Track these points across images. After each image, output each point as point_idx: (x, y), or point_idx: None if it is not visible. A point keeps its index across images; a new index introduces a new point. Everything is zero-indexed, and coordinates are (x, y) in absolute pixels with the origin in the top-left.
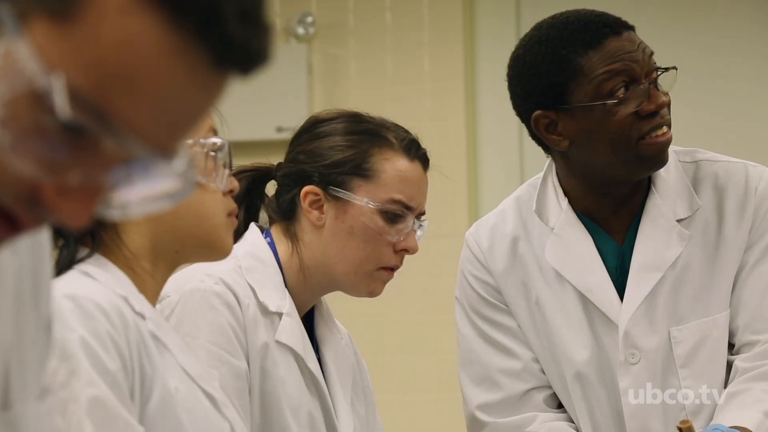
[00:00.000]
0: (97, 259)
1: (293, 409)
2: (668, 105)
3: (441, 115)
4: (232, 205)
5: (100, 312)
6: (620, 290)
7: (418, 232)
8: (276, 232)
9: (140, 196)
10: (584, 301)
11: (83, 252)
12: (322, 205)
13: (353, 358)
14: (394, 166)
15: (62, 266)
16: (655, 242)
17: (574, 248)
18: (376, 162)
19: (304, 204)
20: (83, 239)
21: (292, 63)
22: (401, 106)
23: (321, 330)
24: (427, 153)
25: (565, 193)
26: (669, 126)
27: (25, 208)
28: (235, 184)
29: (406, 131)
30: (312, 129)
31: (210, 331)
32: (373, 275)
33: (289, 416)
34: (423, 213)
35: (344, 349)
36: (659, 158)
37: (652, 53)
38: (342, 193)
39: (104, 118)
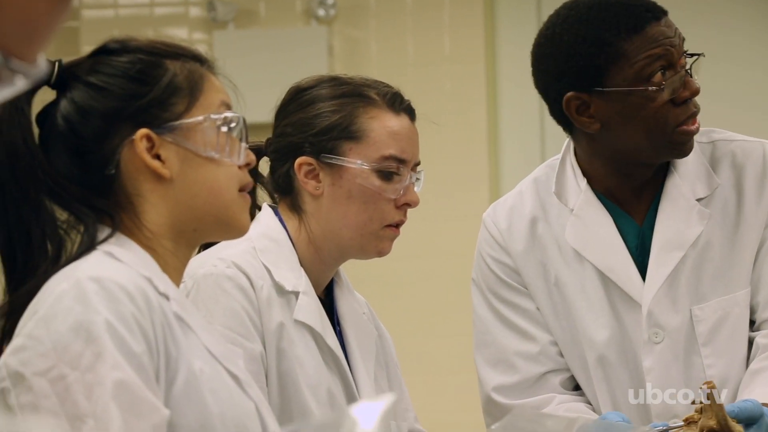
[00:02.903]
0: (119, 238)
1: (312, 387)
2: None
3: (462, 97)
4: (247, 179)
5: (125, 294)
6: (641, 270)
7: (417, 185)
8: (282, 209)
9: None
10: (605, 281)
11: (104, 232)
12: (318, 174)
13: (375, 332)
14: (381, 123)
15: (84, 248)
16: (675, 221)
17: (595, 228)
18: (363, 122)
19: (300, 175)
20: (102, 221)
21: (312, 45)
22: (422, 88)
23: (341, 305)
24: (410, 103)
25: (584, 174)
26: (697, 113)
27: None
28: (252, 158)
29: (388, 86)
30: (295, 99)
31: (223, 316)
32: (379, 234)
33: (307, 394)
34: (418, 163)
35: (366, 323)
36: (688, 146)
37: (684, 39)
38: (335, 159)
39: None
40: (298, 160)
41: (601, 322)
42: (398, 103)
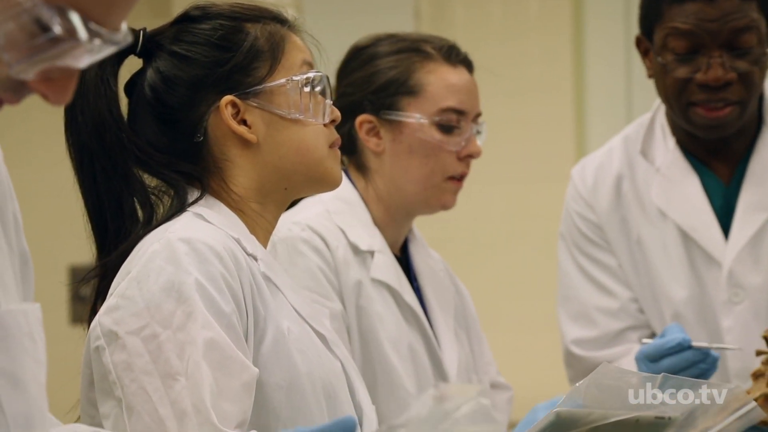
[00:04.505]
0: (208, 200)
1: (393, 343)
2: (733, 82)
3: (548, 58)
4: (334, 135)
5: (214, 255)
6: (725, 231)
7: (480, 135)
8: (350, 169)
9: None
10: (686, 240)
11: (194, 195)
12: (378, 131)
13: (453, 287)
14: (438, 76)
15: (175, 210)
16: (763, 182)
17: (680, 187)
18: (420, 76)
19: (361, 133)
20: (192, 185)
21: (399, 8)
22: (508, 49)
23: (417, 262)
24: (467, 55)
25: (673, 133)
26: (733, 104)
27: (11, 92)
28: (337, 114)
29: (444, 39)
30: (354, 58)
31: (301, 278)
32: (441, 187)
33: (389, 350)
34: (479, 115)
35: (443, 278)
36: (711, 129)
37: (744, 29)
38: (394, 115)
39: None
40: (359, 119)
41: (679, 280)
42: (454, 56)
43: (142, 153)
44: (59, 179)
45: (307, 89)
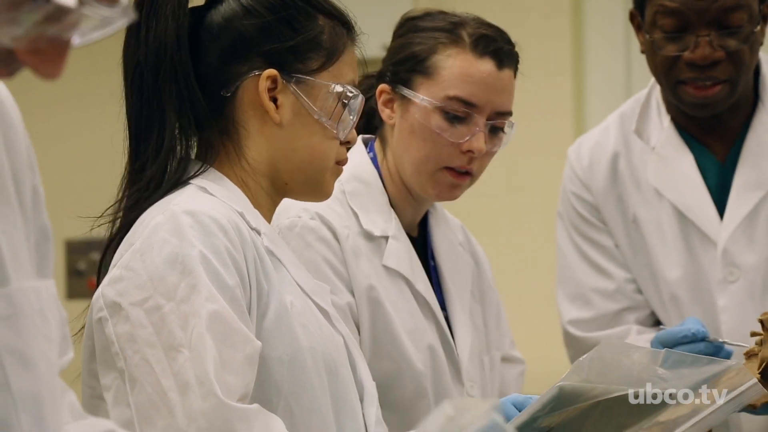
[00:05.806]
0: (212, 173)
1: (409, 332)
2: (721, 60)
3: (546, 32)
4: (344, 155)
5: (219, 228)
6: (720, 209)
7: (504, 136)
8: (377, 140)
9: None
10: (682, 219)
11: (196, 165)
12: (393, 104)
13: (471, 261)
14: (455, 62)
15: (175, 180)
16: (759, 160)
17: (675, 166)
18: (439, 59)
19: (379, 102)
20: (202, 146)
21: None
22: (506, 22)
23: (437, 239)
24: (508, 50)
25: (668, 110)
26: (721, 82)
27: (2, 64)
28: (354, 136)
29: (488, 27)
30: (399, 27)
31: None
32: (436, 176)
33: (405, 340)
34: (503, 113)
35: (461, 254)
36: (700, 107)
37: (733, 8)
38: (405, 91)
39: None
40: (379, 87)
41: (674, 260)
42: (483, 46)
43: (187, 89)
44: (56, 153)
45: (342, 102)
